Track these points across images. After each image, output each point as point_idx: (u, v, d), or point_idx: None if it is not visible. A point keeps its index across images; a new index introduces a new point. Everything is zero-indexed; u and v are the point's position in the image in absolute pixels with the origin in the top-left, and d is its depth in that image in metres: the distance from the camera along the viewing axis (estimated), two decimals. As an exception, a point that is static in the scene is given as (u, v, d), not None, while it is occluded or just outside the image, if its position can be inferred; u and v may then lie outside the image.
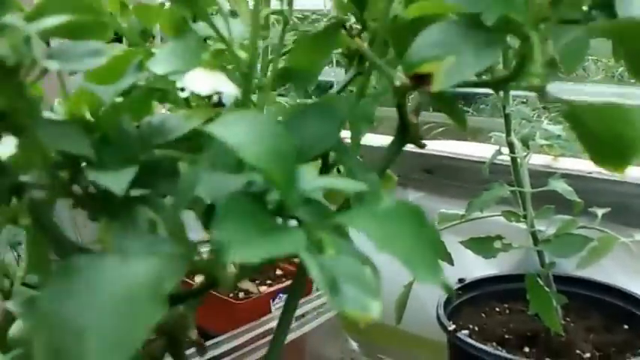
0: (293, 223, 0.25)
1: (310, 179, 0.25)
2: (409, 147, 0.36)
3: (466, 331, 0.92)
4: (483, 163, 0.94)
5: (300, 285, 0.35)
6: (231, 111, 0.33)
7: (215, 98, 0.36)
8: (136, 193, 0.29)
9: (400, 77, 0.32)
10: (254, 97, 0.34)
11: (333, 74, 0.88)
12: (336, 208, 0.35)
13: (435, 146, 1.25)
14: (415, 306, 1.00)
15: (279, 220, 0.24)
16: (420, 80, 0.29)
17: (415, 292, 0.98)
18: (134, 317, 0.20)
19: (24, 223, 0.29)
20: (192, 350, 0.35)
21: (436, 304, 0.96)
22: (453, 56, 0.28)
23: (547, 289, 0.81)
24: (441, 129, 1.51)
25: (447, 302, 0.97)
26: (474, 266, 1.05)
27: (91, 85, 0.33)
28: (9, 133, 0.28)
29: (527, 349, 0.91)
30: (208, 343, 0.32)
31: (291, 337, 1.02)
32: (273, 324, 1.00)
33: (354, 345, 1.33)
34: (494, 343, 0.89)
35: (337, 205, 0.35)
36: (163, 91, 0.36)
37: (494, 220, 0.89)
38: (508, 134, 0.84)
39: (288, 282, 1.13)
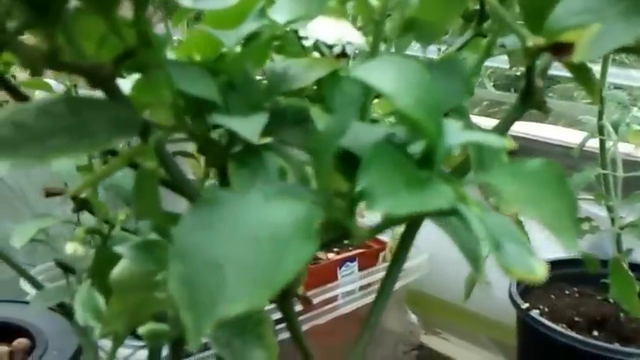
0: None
1: (456, 132, 0.23)
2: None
3: (536, 311, 0.91)
4: (561, 146, 0.92)
5: (410, 237, 0.33)
6: (359, 62, 0.32)
7: (337, 49, 0.35)
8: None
9: (533, 39, 0.30)
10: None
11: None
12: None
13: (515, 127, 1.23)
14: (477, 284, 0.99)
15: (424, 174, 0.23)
16: (560, 49, 0.28)
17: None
18: (280, 254, 0.20)
19: (146, 164, 0.28)
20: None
21: (508, 284, 0.95)
22: (599, 24, 0.27)
23: (631, 273, 0.80)
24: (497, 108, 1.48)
25: (520, 281, 0.96)
26: (542, 248, 1.02)
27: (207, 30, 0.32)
28: (135, 71, 0.28)
29: (596, 333, 0.90)
30: (271, 306, 0.31)
31: (354, 306, 1.02)
32: (338, 291, 0.99)
33: (414, 318, 1.33)
34: (563, 325, 0.87)
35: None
36: (282, 38, 0.35)
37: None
38: (600, 118, 0.81)
39: (356, 251, 1.12)
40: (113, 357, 0.36)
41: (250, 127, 0.25)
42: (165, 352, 0.37)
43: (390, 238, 1.10)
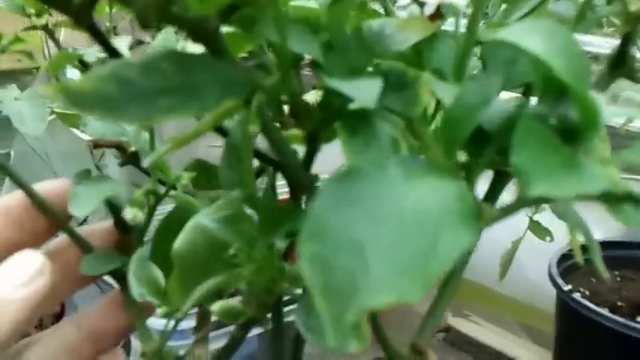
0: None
1: (604, 108, 0.21)
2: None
3: (577, 294, 0.88)
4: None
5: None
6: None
7: (428, 9, 0.32)
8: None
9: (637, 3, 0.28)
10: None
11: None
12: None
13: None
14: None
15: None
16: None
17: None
18: (433, 239, 0.17)
19: (240, 128, 0.26)
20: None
21: (547, 264, 0.93)
22: None
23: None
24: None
25: (559, 262, 0.94)
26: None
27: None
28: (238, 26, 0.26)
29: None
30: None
31: None
32: None
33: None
34: (606, 309, 0.85)
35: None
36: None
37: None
38: (645, 95, 0.78)
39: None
40: (169, 336, 0.34)
41: (365, 92, 0.23)
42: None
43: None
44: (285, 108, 0.27)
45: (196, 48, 0.32)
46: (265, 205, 0.28)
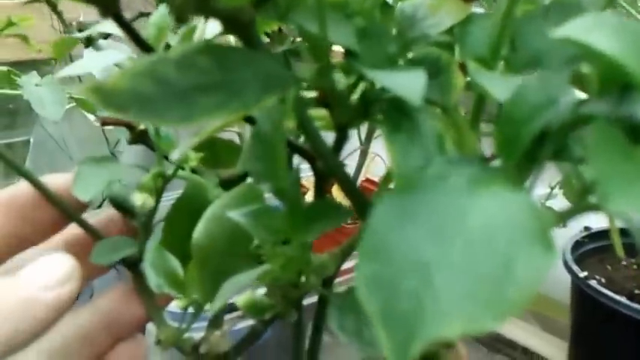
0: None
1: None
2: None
3: (593, 281, 0.86)
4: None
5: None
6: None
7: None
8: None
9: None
10: None
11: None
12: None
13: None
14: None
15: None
16: None
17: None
18: (506, 261, 0.16)
19: (271, 122, 0.25)
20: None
21: (562, 251, 0.91)
22: None
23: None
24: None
25: (573, 249, 0.92)
26: (597, 217, 0.99)
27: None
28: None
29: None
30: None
31: None
32: None
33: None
34: (624, 297, 0.82)
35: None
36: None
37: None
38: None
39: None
40: (188, 328, 0.33)
41: (410, 86, 0.21)
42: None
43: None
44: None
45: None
46: (295, 200, 0.26)
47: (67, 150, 1.07)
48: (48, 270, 0.30)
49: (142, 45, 0.24)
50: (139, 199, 0.34)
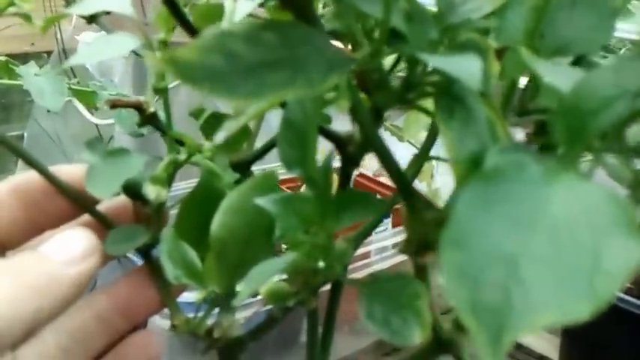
0: None
1: None
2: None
3: None
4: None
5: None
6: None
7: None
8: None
9: None
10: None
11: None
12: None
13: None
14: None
15: None
16: None
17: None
18: (594, 251, 0.16)
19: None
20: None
21: None
22: None
23: None
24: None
25: None
26: None
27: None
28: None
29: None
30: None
31: (387, 264, 0.97)
32: (371, 247, 0.95)
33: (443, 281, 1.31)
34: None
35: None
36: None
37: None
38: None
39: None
40: (205, 319, 0.32)
41: (468, 70, 0.21)
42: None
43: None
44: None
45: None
46: (325, 187, 0.26)
47: (60, 145, 1.06)
48: (70, 245, 0.29)
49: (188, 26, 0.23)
50: (153, 192, 0.33)
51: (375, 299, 0.25)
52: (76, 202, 0.32)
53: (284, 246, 0.29)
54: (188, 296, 0.34)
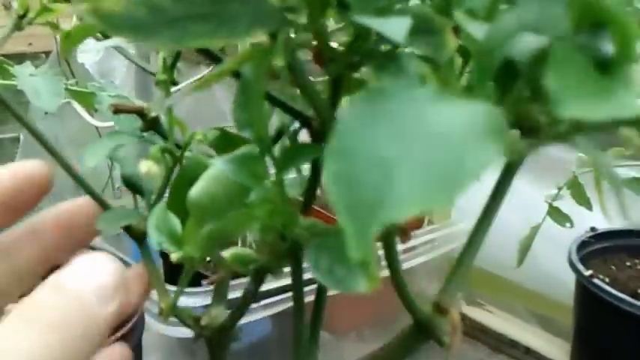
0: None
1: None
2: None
3: (597, 280, 0.88)
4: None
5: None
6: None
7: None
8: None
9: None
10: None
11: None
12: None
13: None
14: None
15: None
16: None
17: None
18: (459, 155, 0.17)
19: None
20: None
21: (567, 251, 0.92)
22: None
23: None
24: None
25: (578, 249, 0.93)
26: (602, 219, 0.99)
27: None
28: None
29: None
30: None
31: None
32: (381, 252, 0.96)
33: (456, 288, 1.30)
34: (627, 296, 0.84)
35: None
36: None
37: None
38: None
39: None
40: (184, 284, 0.34)
41: (394, 28, 0.23)
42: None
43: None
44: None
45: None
46: (269, 145, 0.28)
47: (58, 148, 1.08)
48: (100, 277, 0.26)
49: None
50: (145, 166, 0.36)
51: (322, 251, 0.27)
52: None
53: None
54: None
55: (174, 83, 0.40)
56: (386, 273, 0.30)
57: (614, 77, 0.20)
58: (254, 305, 0.70)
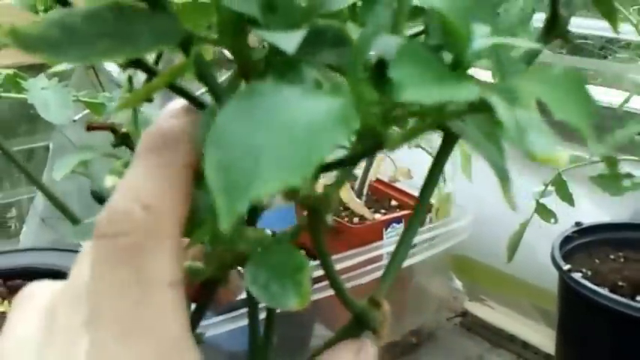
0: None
1: (483, 37, 0.24)
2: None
3: (578, 274, 0.91)
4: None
5: (419, 215, 0.35)
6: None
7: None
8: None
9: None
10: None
11: None
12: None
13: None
14: (522, 250, 0.99)
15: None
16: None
17: (524, 237, 0.97)
18: (314, 141, 0.21)
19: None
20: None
21: (551, 246, 0.95)
22: None
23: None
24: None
25: (562, 244, 0.96)
26: (587, 213, 1.03)
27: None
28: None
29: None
30: (316, 262, 0.31)
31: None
32: (383, 251, 1.00)
33: (459, 285, 1.32)
34: (606, 289, 0.87)
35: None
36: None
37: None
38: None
39: (402, 212, 1.13)
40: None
41: (288, 40, 0.26)
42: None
43: (435, 200, 1.11)
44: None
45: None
46: None
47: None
48: None
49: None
50: (110, 181, 0.39)
51: (261, 266, 0.29)
52: None
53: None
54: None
55: (149, 100, 0.43)
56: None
57: (458, 70, 0.24)
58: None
